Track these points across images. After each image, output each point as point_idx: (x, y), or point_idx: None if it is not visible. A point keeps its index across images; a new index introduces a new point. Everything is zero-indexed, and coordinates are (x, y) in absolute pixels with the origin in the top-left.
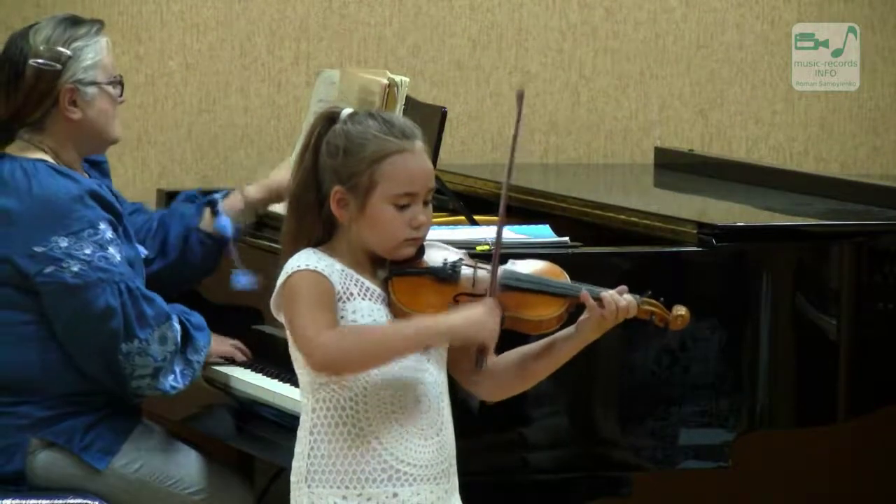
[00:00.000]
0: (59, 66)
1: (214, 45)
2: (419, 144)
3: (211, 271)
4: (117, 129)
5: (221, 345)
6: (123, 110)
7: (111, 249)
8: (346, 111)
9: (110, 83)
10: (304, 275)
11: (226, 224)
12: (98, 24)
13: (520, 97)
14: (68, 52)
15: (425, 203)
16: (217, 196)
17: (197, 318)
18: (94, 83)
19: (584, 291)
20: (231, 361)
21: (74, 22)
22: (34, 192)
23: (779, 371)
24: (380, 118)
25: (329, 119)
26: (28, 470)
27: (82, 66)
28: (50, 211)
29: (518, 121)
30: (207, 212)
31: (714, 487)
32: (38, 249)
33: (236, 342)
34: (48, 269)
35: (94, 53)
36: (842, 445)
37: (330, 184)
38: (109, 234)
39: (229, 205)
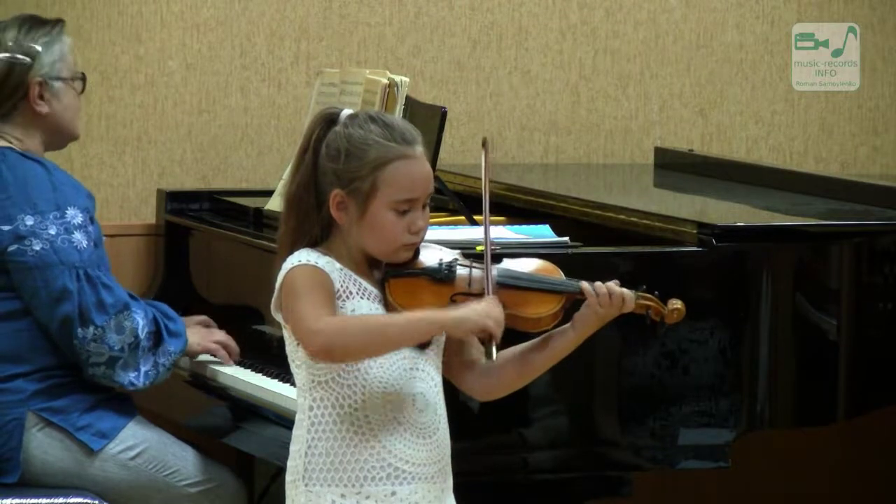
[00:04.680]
0: (28, 60)
1: (214, 45)
2: (419, 149)
3: None
4: (79, 126)
5: (205, 340)
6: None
7: (77, 235)
8: (346, 112)
9: (74, 79)
10: (303, 269)
11: None
12: (61, 23)
13: (484, 144)
14: (37, 47)
15: (423, 207)
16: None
17: (176, 325)
18: (60, 78)
19: (584, 284)
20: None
21: (37, 20)
22: (3, 175)
23: (779, 371)
24: (381, 122)
25: (328, 120)
26: (25, 453)
27: (49, 60)
28: (18, 191)
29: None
30: None
31: (714, 487)
32: (5, 228)
33: (223, 339)
34: (12, 247)
35: (60, 50)
36: (842, 445)
37: (329, 186)
38: (79, 219)
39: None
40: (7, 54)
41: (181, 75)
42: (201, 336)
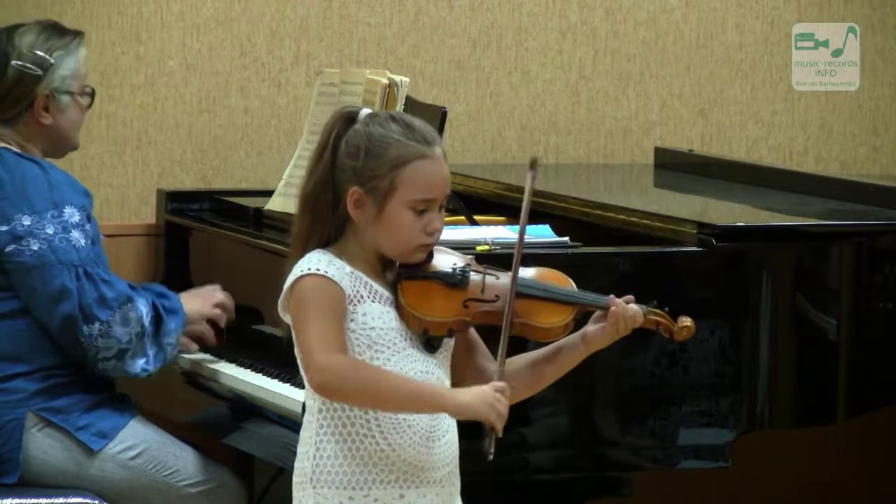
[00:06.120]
0: (40, 72)
1: (214, 45)
2: (439, 150)
3: None
4: (79, 138)
5: (205, 306)
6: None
7: (75, 233)
8: (365, 111)
9: (83, 94)
10: (314, 281)
11: None
12: (80, 36)
13: (532, 165)
14: (51, 60)
15: (440, 209)
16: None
17: (171, 302)
18: (68, 92)
19: (614, 298)
20: (201, 343)
21: (58, 30)
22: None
23: (779, 371)
24: (402, 121)
25: (347, 119)
26: (24, 453)
27: (61, 74)
28: (15, 191)
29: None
30: None
31: (714, 487)
32: (2, 228)
33: (223, 299)
34: (10, 248)
35: (74, 63)
36: (842, 445)
37: (347, 184)
38: (76, 218)
39: None
40: (20, 62)
41: (181, 75)
42: (200, 303)
